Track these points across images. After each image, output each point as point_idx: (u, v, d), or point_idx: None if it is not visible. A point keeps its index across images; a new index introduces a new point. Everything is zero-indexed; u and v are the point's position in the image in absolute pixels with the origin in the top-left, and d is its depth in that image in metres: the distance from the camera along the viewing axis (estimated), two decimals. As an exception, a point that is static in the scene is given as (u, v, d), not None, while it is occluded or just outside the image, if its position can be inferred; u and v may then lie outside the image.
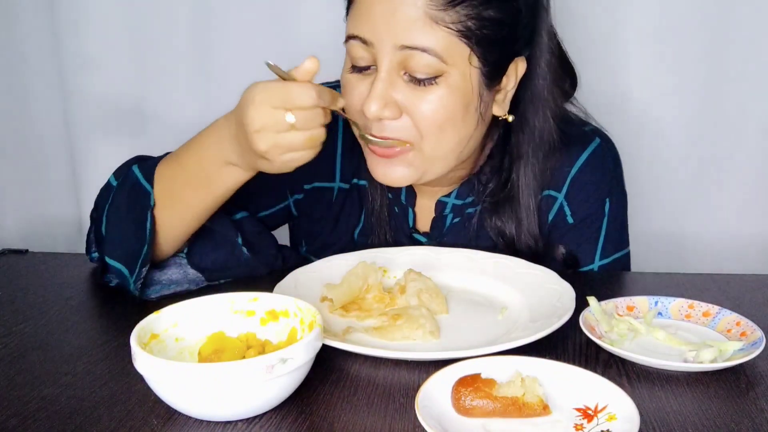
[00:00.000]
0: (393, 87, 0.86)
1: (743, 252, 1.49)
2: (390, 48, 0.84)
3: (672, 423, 0.61)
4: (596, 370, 0.65)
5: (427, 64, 0.83)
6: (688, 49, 1.40)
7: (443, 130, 0.87)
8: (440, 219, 1.03)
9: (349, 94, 0.89)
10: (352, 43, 0.87)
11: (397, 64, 0.85)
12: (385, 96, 0.85)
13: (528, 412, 0.60)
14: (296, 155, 0.78)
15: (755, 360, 0.70)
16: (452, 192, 1.02)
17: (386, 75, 0.85)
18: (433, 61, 0.83)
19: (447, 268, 0.93)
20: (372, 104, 0.85)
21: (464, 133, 0.90)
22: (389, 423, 0.61)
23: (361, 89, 0.88)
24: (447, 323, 0.81)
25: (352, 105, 0.89)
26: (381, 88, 0.85)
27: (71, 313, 0.81)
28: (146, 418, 0.62)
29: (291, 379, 0.62)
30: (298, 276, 0.89)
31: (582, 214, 1.00)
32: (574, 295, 0.81)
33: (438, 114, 0.86)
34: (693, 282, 0.94)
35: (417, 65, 0.84)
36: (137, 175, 0.91)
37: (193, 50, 1.49)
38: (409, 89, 0.86)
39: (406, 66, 0.85)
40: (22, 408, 0.64)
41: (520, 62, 0.91)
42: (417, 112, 0.86)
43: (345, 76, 0.91)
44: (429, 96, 0.85)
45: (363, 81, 0.88)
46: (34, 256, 1.08)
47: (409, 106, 0.86)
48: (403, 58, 0.84)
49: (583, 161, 0.99)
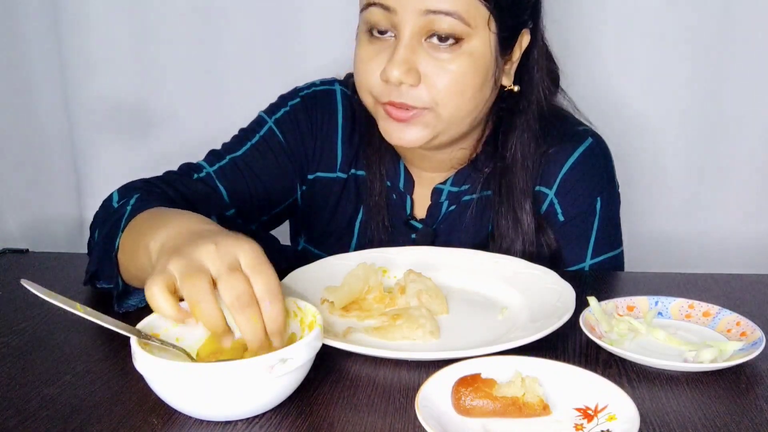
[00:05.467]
0: (414, 53, 0.87)
1: (744, 252, 1.49)
2: (413, 13, 0.85)
3: (672, 423, 0.61)
4: (596, 370, 0.65)
5: (450, 27, 0.85)
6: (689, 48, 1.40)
7: (463, 95, 0.89)
8: (436, 206, 1.04)
9: (365, 65, 0.91)
10: (372, 10, 0.88)
11: (419, 29, 0.86)
12: (408, 61, 0.87)
13: (528, 412, 0.60)
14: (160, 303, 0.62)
15: (755, 360, 0.70)
16: (448, 179, 1.03)
17: (408, 41, 0.86)
18: (456, 23, 0.85)
19: (447, 268, 0.93)
20: (395, 69, 0.86)
21: (480, 98, 0.92)
22: (389, 423, 0.61)
23: (379, 59, 0.89)
24: (447, 323, 0.81)
25: (369, 76, 0.90)
26: (404, 53, 0.86)
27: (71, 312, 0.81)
28: (146, 417, 0.62)
29: (291, 379, 0.62)
30: (298, 276, 0.89)
31: (572, 212, 1.01)
32: (574, 295, 0.81)
33: (459, 81, 0.88)
34: (693, 282, 0.94)
35: (440, 28, 0.85)
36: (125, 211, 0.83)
37: (196, 51, 1.49)
38: (431, 56, 0.87)
39: (428, 30, 0.86)
40: (22, 407, 0.64)
41: (525, 34, 0.95)
42: (438, 80, 0.88)
43: (361, 49, 0.92)
44: (450, 65, 0.87)
45: (380, 51, 0.89)
46: (34, 255, 1.08)
47: (430, 73, 0.88)
48: (426, 22, 0.85)
49: (575, 159, 1.00)
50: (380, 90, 0.90)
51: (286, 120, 1.05)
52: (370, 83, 0.91)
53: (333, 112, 1.06)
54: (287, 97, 1.08)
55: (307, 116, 1.05)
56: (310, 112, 1.06)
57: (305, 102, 1.06)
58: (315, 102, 1.06)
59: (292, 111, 1.05)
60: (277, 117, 1.05)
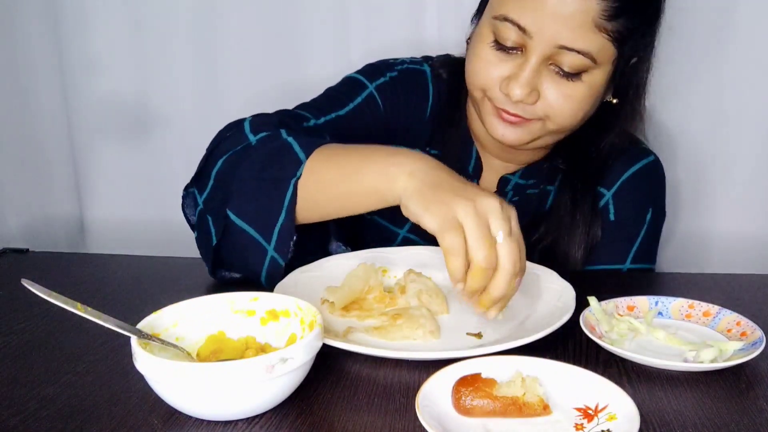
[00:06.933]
0: (538, 75, 0.90)
1: (744, 252, 1.48)
2: (547, 44, 0.87)
3: (672, 423, 0.61)
4: (596, 370, 0.65)
5: (579, 63, 0.88)
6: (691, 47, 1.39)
7: (575, 117, 0.94)
8: (501, 194, 1.05)
9: (486, 69, 0.93)
10: (505, 24, 0.89)
11: (547, 58, 0.88)
12: (531, 83, 0.89)
13: (528, 412, 0.60)
14: (453, 258, 0.71)
15: (755, 360, 0.70)
16: (517, 171, 1.06)
17: (535, 65, 0.88)
18: (584, 61, 0.88)
19: (447, 268, 0.93)
20: (519, 90, 0.89)
21: (587, 116, 0.96)
22: (389, 423, 0.61)
23: (503, 68, 0.91)
24: (447, 323, 0.81)
25: (488, 79, 0.92)
26: (530, 76, 0.89)
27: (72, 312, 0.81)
28: (146, 417, 0.62)
29: (291, 379, 0.62)
30: (298, 276, 0.89)
31: (624, 215, 1.04)
32: (574, 295, 0.81)
33: (574, 107, 0.92)
34: (693, 282, 0.94)
35: (568, 62, 0.88)
36: (289, 140, 0.86)
37: (196, 51, 1.49)
38: (553, 80, 0.91)
39: (555, 60, 0.88)
40: (22, 407, 0.64)
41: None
42: (556, 103, 0.91)
43: (485, 50, 0.93)
44: (570, 91, 0.90)
45: (504, 61, 0.91)
46: (34, 255, 1.08)
47: (548, 96, 0.90)
48: (557, 53, 0.88)
49: (638, 168, 1.05)
50: (497, 96, 0.93)
51: (386, 89, 1.06)
52: (488, 85, 0.93)
53: (425, 91, 1.08)
54: (382, 67, 1.08)
55: (404, 90, 1.07)
56: (407, 86, 1.07)
57: (403, 76, 1.07)
58: (411, 78, 1.08)
59: (392, 82, 1.06)
60: (378, 83, 1.06)
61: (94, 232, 1.62)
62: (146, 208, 1.59)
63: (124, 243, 1.58)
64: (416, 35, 1.40)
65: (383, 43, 1.39)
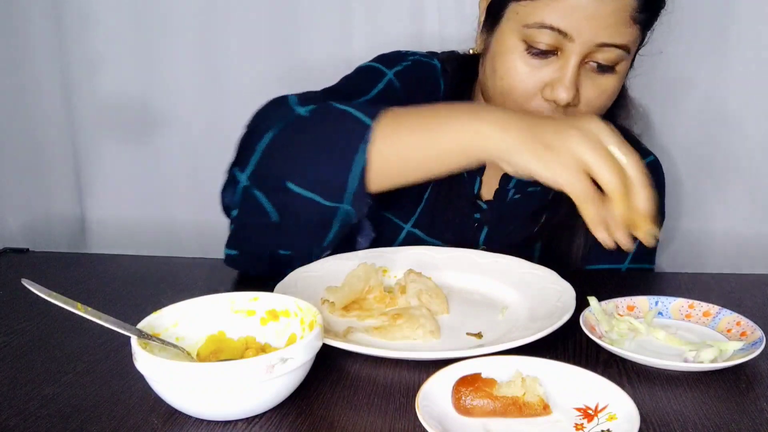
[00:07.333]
0: (578, 75, 0.90)
1: (744, 252, 1.48)
2: (587, 43, 0.87)
3: (672, 423, 0.61)
4: (596, 370, 0.65)
5: (615, 56, 0.89)
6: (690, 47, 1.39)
7: (604, 109, 0.95)
8: (503, 192, 1.07)
9: (524, 80, 0.92)
10: (543, 31, 0.88)
11: (586, 56, 0.89)
12: (575, 84, 0.90)
13: (528, 412, 0.60)
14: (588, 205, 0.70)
15: (755, 360, 0.70)
16: None
17: (576, 65, 0.89)
18: (621, 53, 0.89)
19: (447, 268, 0.93)
20: (565, 93, 0.89)
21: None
22: (389, 423, 0.61)
23: (539, 75, 0.91)
24: (447, 323, 0.81)
25: (527, 89, 0.92)
26: (573, 77, 0.89)
27: (72, 312, 0.81)
28: (147, 417, 0.62)
29: (291, 379, 0.62)
30: (298, 276, 0.89)
31: None
32: (574, 295, 0.81)
33: (606, 100, 0.94)
34: (693, 282, 0.94)
35: (605, 57, 0.89)
36: (347, 108, 0.82)
37: (198, 50, 1.49)
38: (589, 77, 0.91)
39: (592, 57, 0.89)
40: (23, 407, 0.64)
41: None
42: (595, 100, 0.92)
43: (518, 61, 0.92)
44: (606, 85, 0.92)
45: (539, 67, 0.91)
46: (34, 255, 1.08)
47: (586, 93, 0.92)
48: (596, 50, 0.89)
49: None
50: (540, 106, 0.92)
51: (403, 76, 1.05)
52: (527, 95, 0.92)
53: (436, 84, 1.08)
54: (396, 57, 1.07)
55: (417, 80, 1.06)
56: (421, 76, 1.07)
57: (416, 66, 1.07)
58: (424, 70, 1.08)
59: (407, 70, 1.06)
60: (396, 70, 1.05)
61: (95, 232, 1.62)
62: (147, 207, 1.59)
63: (125, 243, 1.58)
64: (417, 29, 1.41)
65: (385, 39, 1.39)
